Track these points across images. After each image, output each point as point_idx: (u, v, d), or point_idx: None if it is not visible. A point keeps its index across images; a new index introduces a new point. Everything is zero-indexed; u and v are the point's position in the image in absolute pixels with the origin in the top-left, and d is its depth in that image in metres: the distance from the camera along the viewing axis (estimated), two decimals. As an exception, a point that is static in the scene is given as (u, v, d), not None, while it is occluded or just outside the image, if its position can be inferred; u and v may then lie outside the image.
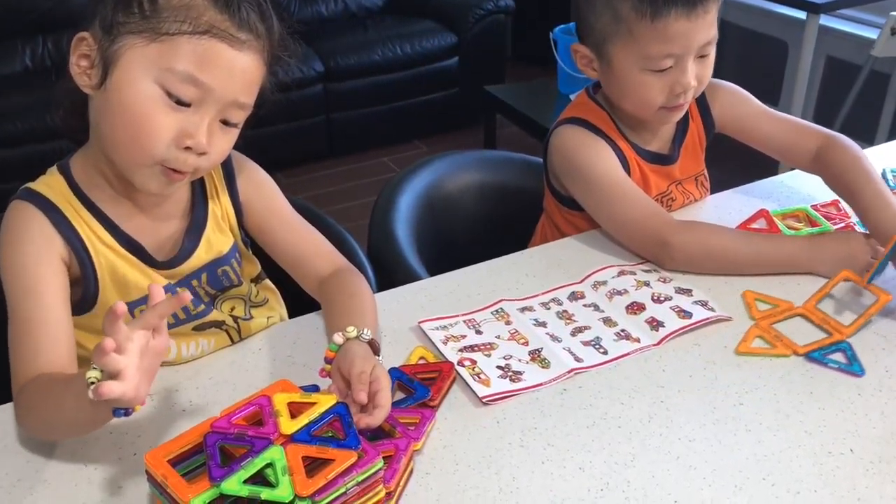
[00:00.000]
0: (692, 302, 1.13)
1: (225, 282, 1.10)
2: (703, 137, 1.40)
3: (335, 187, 3.47)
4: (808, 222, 1.34)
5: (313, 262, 1.12)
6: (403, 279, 1.28)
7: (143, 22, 0.89)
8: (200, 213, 1.07)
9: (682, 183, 1.40)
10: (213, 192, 1.08)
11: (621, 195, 1.24)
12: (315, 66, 3.53)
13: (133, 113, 0.90)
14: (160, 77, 0.89)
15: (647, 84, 1.21)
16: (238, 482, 0.77)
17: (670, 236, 1.19)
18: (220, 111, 0.93)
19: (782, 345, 1.05)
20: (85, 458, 0.90)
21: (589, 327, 1.10)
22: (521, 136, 3.24)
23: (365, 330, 0.96)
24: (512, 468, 0.88)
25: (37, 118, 3.09)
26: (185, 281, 1.06)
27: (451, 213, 1.60)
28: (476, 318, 1.12)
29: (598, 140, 1.28)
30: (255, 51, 0.93)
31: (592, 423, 0.94)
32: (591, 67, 1.28)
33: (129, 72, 0.90)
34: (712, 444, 0.91)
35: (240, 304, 1.14)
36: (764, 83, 3.50)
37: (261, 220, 1.12)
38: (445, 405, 0.97)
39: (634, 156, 1.32)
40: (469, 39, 3.79)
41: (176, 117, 0.91)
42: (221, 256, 1.09)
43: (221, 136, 0.95)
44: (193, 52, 0.89)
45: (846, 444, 0.91)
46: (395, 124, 3.79)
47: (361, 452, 0.80)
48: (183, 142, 0.91)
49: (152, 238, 1.04)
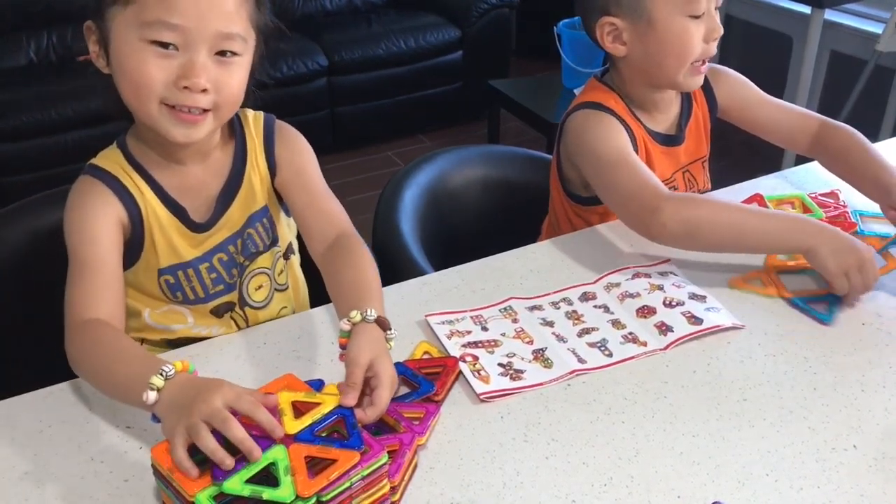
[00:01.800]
0: (705, 308, 1.11)
1: (251, 246, 1.14)
2: (707, 120, 1.42)
3: (339, 181, 3.47)
4: (801, 209, 1.35)
5: (319, 220, 1.13)
6: (408, 274, 1.28)
7: None
8: (237, 173, 1.12)
9: (689, 168, 1.41)
10: (253, 154, 1.13)
11: (622, 166, 1.23)
12: (319, 61, 3.54)
13: (130, 71, 0.96)
14: (140, 32, 0.94)
15: (688, 31, 1.24)
16: (240, 482, 0.77)
17: (662, 203, 1.15)
18: (210, 46, 0.96)
19: (773, 287, 1.06)
20: (92, 452, 0.91)
21: (596, 329, 1.09)
22: (524, 131, 3.24)
23: (369, 310, 0.94)
24: (516, 463, 0.89)
25: (42, 111, 3.10)
26: (222, 246, 1.12)
27: (455, 207, 1.61)
28: (483, 314, 1.12)
29: (609, 118, 1.30)
30: None
31: (596, 418, 0.95)
32: (619, 41, 1.29)
33: (119, 40, 0.96)
34: (715, 439, 0.91)
35: (266, 284, 1.18)
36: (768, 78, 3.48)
37: (287, 178, 1.15)
38: (450, 400, 0.98)
39: (644, 134, 1.34)
40: (473, 33, 3.79)
41: (168, 63, 0.95)
42: (251, 216, 1.13)
43: (223, 70, 0.98)
44: (158, 1, 0.93)
45: (849, 440, 0.91)
46: (398, 118, 3.79)
47: (366, 449, 0.81)
48: (180, 83, 0.96)
49: (196, 199, 1.10)
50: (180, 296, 1.12)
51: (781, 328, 1.09)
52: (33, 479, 0.87)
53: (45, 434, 0.93)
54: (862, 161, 1.30)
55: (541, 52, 4.15)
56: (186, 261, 1.11)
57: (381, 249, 1.40)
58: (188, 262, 1.11)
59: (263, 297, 1.18)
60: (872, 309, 1.13)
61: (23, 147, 3.08)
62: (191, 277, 1.11)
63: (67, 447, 0.91)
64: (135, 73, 0.96)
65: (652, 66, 1.29)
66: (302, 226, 1.15)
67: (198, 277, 1.12)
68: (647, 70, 1.30)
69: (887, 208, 1.25)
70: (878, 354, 1.04)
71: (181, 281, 1.11)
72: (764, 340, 1.07)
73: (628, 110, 1.33)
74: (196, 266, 1.11)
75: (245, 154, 1.12)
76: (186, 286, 1.12)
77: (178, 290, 1.12)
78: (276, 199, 1.17)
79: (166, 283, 1.11)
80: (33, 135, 3.09)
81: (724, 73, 1.43)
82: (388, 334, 0.95)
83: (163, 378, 0.83)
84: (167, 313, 1.14)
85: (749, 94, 1.42)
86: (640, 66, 1.30)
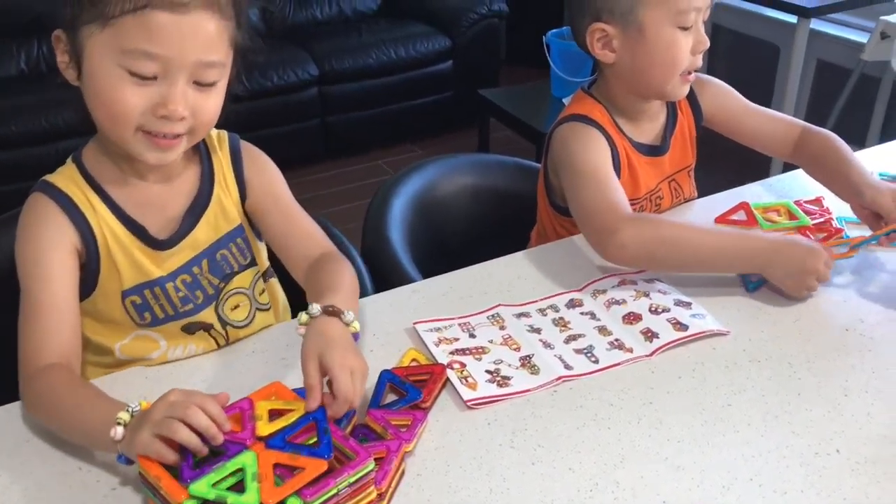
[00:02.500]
0: (690, 315, 1.12)
1: (225, 268, 1.12)
2: (693, 129, 1.43)
3: (330, 190, 3.48)
4: (787, 216, 1.36)
5: (300, 244, 1.12)
6: (397, 281, 1.29)
7: (92, 10, 0.92)
8: (205, 192, 1.10)
9: (675, 178, 1.42)
10: (221, 174, 1.11)
11: (592, 181, 1.24)
12: (310, 70, 3.54)
13: (105, 97, 0.94)
14: (119, 59, 0.92)
15: (677, 42, 1.25)
16: (207, 485, 0.78)
17: (621, 224, 1.16)
18: (189, 75, 0.95)
19: None
20: (79, 461, 0.91)
21: (583, 335, 1.10)
22: (514, 140, 3.25)
23: (313, 305, 0.95)
24: (503, 469, 0.89)
25: (32, 121, 3.10)
26: (185, 268, 1.08)
27: (444, 216, 1.61)
28: (471, 321, 1.13)
29: (593, 132, 1.30)
30: (202, 7, 0.93)
31: (582, 424, 0.95)
32: (609, 48, 1.29)
33: (93, 60, 0.94)
34: (701, 444, 0.92)
35: (245, 304, 1.15)
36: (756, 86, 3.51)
37: (258, 200, 1.13)
38: (437, 407, 0.98)
39: (628, 147, 1.34)
40: (463, 43, 3.80)
41: (145, 91, 0.94)
42: (221, 238, 1.11)
43: (201, 97, 0.97)
44: (139, 28, 0.91)
45: (833, 444, 0.92)
46: (389, 127, 3.80)
47: (353, 456, 0.81)
48: (158, 112, 0.94)
49: (156, 217, 1.07)
50: (148, 316, 1.08)
51: (766, 334, 1.10)
52: (20, 488, 0.87)
53: (32, 443, 0.93)
54: (835, 163, 1.32)
55: (531, 61, 4.17)
56: (153, 279, 1.07)
57: (370, 258, 1.41)
58: (155, 279, 1.07)
59: (243, 317, 1.15)
60: (855, 314, 1.14)
61: (14, 156, 3.08)
62: (158, 296, 1.07)
63: (54, 456, 0.91)
64: (111, 100, 0.94)
65: (639, 75, 1.30)
66: (280, 249, 1.14)
67: (165, 296, 1.08)
68: (634, 79, 1.31)
69: (858, 208, 1.27)
70: (861, 359, 1.05)
71: (149, 300, 1.07)
72: (748, 346, 1.08)
73: (613, 122, 1.34)
74: (163, 284, 1.07)
75: (212, 173, 1.10)
76: (154, 304, 1.08)
77: (145, 311, 1.08)
78: (248, 221, 1.14)
79: (133, 305, 1.07)
80: (24, 144, 3.09)
81: (709, 82, 1.44)
82: (344, 318, 0.94)
83: (129, 414, 0.84)
84: (137, 342, 1.09)
85: (733, 103, 1.44)
86: (628, 74, 1.31)
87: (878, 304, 1.16)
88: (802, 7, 2.90)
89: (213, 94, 0.98)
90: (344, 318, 0.95)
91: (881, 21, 2.75)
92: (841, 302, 1.17)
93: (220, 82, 0.99)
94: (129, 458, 0.83)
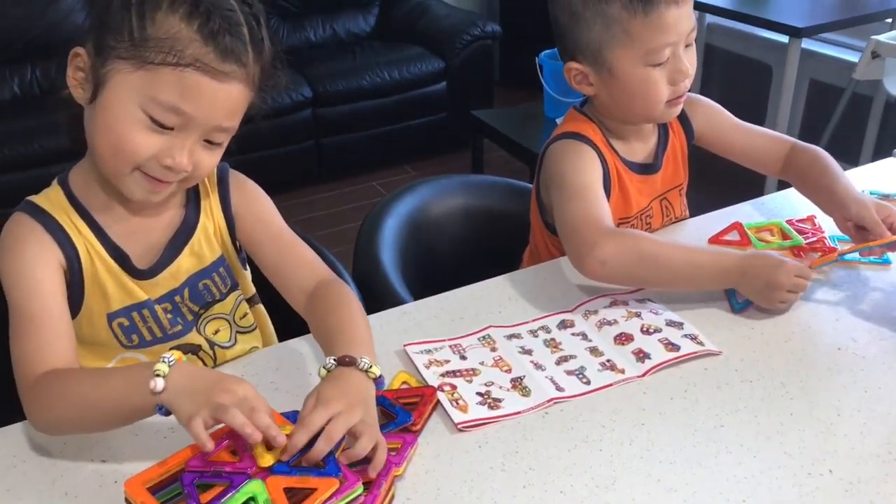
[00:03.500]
0: (682, 335, 1.12)
1: (207, 296, 1.11)
2: (685, 148, 1.43)
3: (324, 211, 3.48)
4: (780, 236, 1.36)
5: (297, 272, 1.11)
6: (388, 303, 1.28)
7: (132, 49, 0.91)
8: (190, 222, 1.09)
9: (666, 196, 1.42)
10: (207, 204, 1.11)
11: (578, 198, 1.23)
12: (304, 92, 3.55)
13: (117, 134, 0.94)
14: (144, 104, 0.92)
15: (651, 79, 1.23)
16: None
17: (601, 238, 1.15)
18: (202, 134, 0.96)
19: None
20: (65, 487, 0.90)
21: (574, 356, 1.09)
22: (508, 160, 3.26)
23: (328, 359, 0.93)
24: (493, 492, 0.88)
25: (24, 146, 3.10)
26: (168, 296, 1.08)
27: (436, 237, 1.61)
28: (462, 343, 1.13)
29: (586, 149, 1.30)
30: (239, 80, 0.95)
31: (574, 446, 0.95)
32: (586, 83, 1.29)
33: (115, 95, 0.93)
34: (693, 466, 0.91)
35: (225, 328, 1.14)
36: (749, 105, 3.54)
37: (250, 230, 1.13)
38: (427, 429, 0.97)
39: (620, 166, 1.34)
40: (456, 65, 3.82)
41: (158, 139, 0.94)
42: (204, 269, 1.10)
43: (205, 154, 0.98)
44: (177, 84, 0.90)
45: (826, 464, 0.91)
46: (383, 149, 3.81)
47: (343, 479, 0.80)
48: (163, 160, 0.95)
49: (140, 245, 1.06)
50: (136, 338, 1.08)
51: (758, 354, 1.10)
52: (6, 514, 0.87)
53: (19, 469, 0.92)
54: (821, 177, 1.33)
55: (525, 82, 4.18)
56: (142, 301, 1.06)
57: (361, 279, 1.41)
58: (143, 301, 1.06)
59: (226, 339, 1.15)
60: (847, 333, 1.14)
61: (6, 180, 3.07)
62: (147, 318, 1.07)
63: (42, 482, 0.90)
64: (122, 139, 0.93)
65: (621, 108, 1.30)
66: (277, 277, 1.12)
67: (154, 318, 1.08)
68: (617, 110, 1.31)
69: (842, 221, 1.27)
70: (853, 379, 1.05)
71: (136, 322, 1.07)
72: (741, 367, 1.07)
73: (605, 141, 1.34)
74: (151, 306, 1.07)
75: (199, 203, 1.10)
76: (142, 326, 1.07)
77: (133, 332, 1.07)
78: (234, 249, 1.14)
79: (120, 327, 1.06)
80: (17, 168, 3.09)
81: (700, 102, 1.44)
82: (360, 365, 0.92)
83: (167, 364, 0.83)
84: (122, 364, 1.08)
85: (724, 121, 1.44)
86: (611, 106, 1.31)
87: (869, 323, 1.16)
88: (794, 27, 2.92)
89: (216, 152, 1.00)
90: (360, 364, 0.92)
91: (872, 40, 2.77)
92: (833, 321, 1.17)
93: (225, 143, 1.00)
94: (168, 410, 0.83)
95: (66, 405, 0.90)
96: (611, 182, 1.31)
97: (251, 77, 0.97)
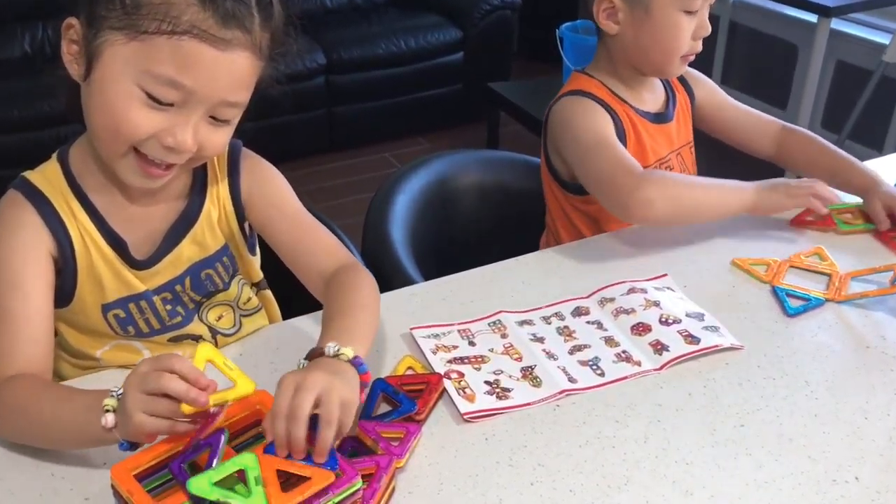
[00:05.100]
0: (702, 327, 1.06)
1: (209, 286, 1.06)
2: (689, 107, 1.45)
3: (335, 181, 3.43)
4: (863, 218, 1.33)
5: (315, 258, 1.04)
6: (398, 283, 1.24)
7: (125, 17, 0.83)
8: (194, 208, 1.02)
9: (681, 152, 1.43)
10: (215, 190, 1.03)
11: (601, 148, 1.25)
12: (317, 59, 3.49)
13: (112, 113, 0.86)
14: (139, 78, 0.84)
15: (680, 26, 1.26)
16: (208, 482, 0.73)
17: (641, 181, 1.18)
18: (207, 110, 0.88)
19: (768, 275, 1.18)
20: (53, 469, 0.86)
21: (589, 346, 1.04)
22: (524, 134, 3.19)
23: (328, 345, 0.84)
24: (499, 489, 0.84)
25: (35, 104, 3.06)
26: (167, 286, 1.03)
27: (449, 214, 1.56)
28: (471, 328, 1.08)
29: (590, 102, 1.32)
30: (244, 47, 0.87)
31: (585, 442, 0.90)
32: (613, 20, 1.30)
33: (109, 69, 0.85)
34: (710, 468, 0.87)
35: (228, 313, 1.09)
36: (772, 86, 3.45)
37: (263, 214, 1.05)
38: (432, 419, 0.93)
39: (633, 115, 1.35)
40: (474, 35, 3.74)
41: (158, 117, 0.86)
42: (207, 258, 1.04)
43: (213, 132, 0.90)
44: (173, 54, 0.83)
45: (851, 471, 0.86)
46: (397, 119, 3.75)
47: (339, 472, 0.76)
48: (164, 140, 0.87)
49: (139, 232, 1.00)
50: (132, 330, 1.02)
51: (782, 350, 1.05)
52: (-11, 496, 0.83)
53: (5, 448, 0.88)
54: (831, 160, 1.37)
55: (544, 55, 4.11)
56: (139, 292, 1.00)
57: (369, 256, 1.36)
58: (141, 293, 1.00)
59: (230, 325, 1.09)
60: (876, 331, 1.08)
61: (16, 139, 3.04)
62: (144, 309, 1.01)
63: (27, 463, 0.87)
64: (117, 117, 0.86)
65: (640, 51, 1.31)
66: (292, 263, 1.05)
67: (152, 309, 1.02)
68: (634, 54, 1.32)
69: (874, 199, 1.29)
70: (882, 379, 1.00)
71: (133, 314, 1.01)
72: (763, 362, 1.02)
73: (612, 93, 1.35)
74: (149, 298, 1.01)
75: (205, 186, 1.03)
76: (140, 318, 1.02)
77: (129, 325, 1.02)
78: (242, 236, 1.07)
79: (115, 319, 1.01)
80: (27, 127, 3.05)
81: (700, 77, 1.47)
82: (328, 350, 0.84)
83: (115, 398, 0.78)
84: (119, 351, 1.03)
85: (721, 98, 1.47)
86: (629, 48, 1.32)
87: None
88: (823, 6, 2.83)
89: (224, 130, 0.92)
90: (328, 351, 0.84)
91: (904, 22, 2.69)
92: (861, 317, 1.11)
93: (234, 119, 0.93)
94: (131, 443, 0.78)
95: (19, 424, 0.86)
96: (625, 132, 1.32)
97: (258, 45, 0.88)
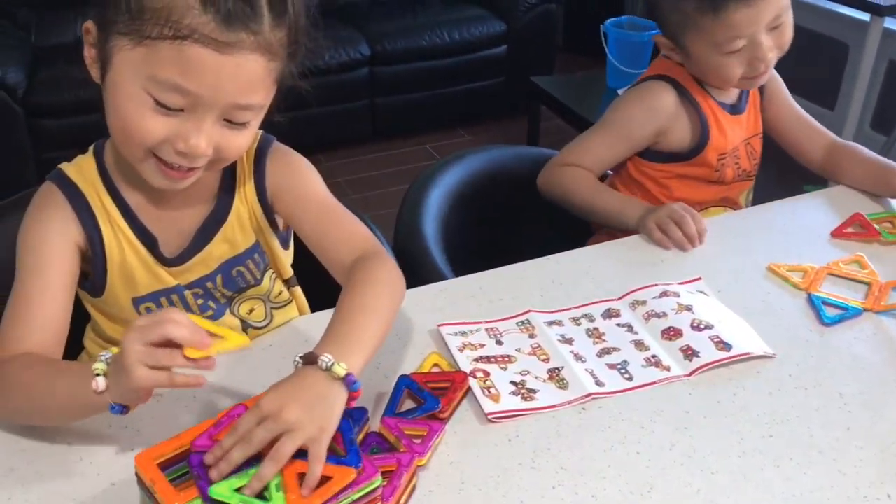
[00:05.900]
0: (734, 333, 1.05)
1: (241, 282, 1.07)
2: (759, 101, 1.47)
3: (375, 171, 3.44)
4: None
5: (340, 247, 1.02)
6: (427, 278, 1.23)
7: (130, 23, 0.82)
8: (223, 207, 1.02)
9: (750, 142, 1.46)
10: (243, 189, 1.03)
11: (598, 128, 1.42)
12: (361, 50, 3.50)
13: (124, 118, 0.86)
14: (146, 84, 0.83)
15: (725, 64, 1.31)
16: (229, 489, 0.73)
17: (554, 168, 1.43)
18: (219, 114, 0.86)
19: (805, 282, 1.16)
20: (80, 453, 0.87)
21: (618, 349, 1.03)
22: (565, 129, 3.16)
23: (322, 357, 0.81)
24: (520, 491, 0.83)
25: (84, 89, 3.07)
26: (199, 282, 1.04)
27: (483, 211, 1.55)
28: (499, 327, 1.07)
29: (654, 95, 1.38)
30: (251, 49, 0.83)
31: (610, 446, 0.89)
32: (674, 53, 1.39)
33: (120, 75, 0.85)
34: (737, 478, 0.85)
35: (259, 306, 1.10)
36: (821, 86, 3.37)
37: (290, 206, 1.04)
38: (456, 417, 0.93)
39: (715, 106, 1.40)
40: (519, 28, 3.72)
41: (168, 122, 0.85)
42: (238, 255, 1.05)
43: (230, 135, 0.89)
44: (174, 59, 0.81)
45: (884, 488, 0.84)
46: (439, 111, 3.74)
47: (361, 470, 0.76)
48: (177, 145, 0.86)
49: (170, 229, 1.01)
50: None
51: (815, 359, 1.02)
52: (17, 476, 0.85)
53: (36, 430, 0.90)
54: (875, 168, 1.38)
55: (588, 50, 4.06)
56: (171, 286, 1.02)
57: (401, 250, 1.36)
58: (172, 287, 1.02)
59: (261, 318, 1.10)
60: (917, 343, 1.06)
61: (65, 124, 3.10)
62: (176, 303, 1.03)
63: (56, 445, 0.88)
64: (129, 123, 0.86)
65: (704, 78, 1.39)
66: (322, 254, 1.03)
67: (183, 303, 1.03)
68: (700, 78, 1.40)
69: None
70: (920, 394, 0.97)
71: (165, 307, 1.02)
72: (796, 372, 1.00)
73: (699, 86, 1.39)
74: (181, 291, 1.02)
75: (234, 182, 1.02)
76: None
77: None
78: (272, 231, 1.07)
79: (147, 312, 1.01)
80: (75, 112, 3.09)
81: (773, 75, 1.47)
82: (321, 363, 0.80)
83: (104, 363, 0.77)
84: None
85: (783, 98, 1.48)
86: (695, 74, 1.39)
87: (942, 333, 1.07)
88: (877, 4, 2.76)
89: (243, 133, 0.90)
90: (321, 363, 0.80)
91: (961, 23, 2.61)
92: (901, 328, 1.09)
93: (254, 121, 0.91)
94: (123, 406, 0.78)
95: (24, 396, 0.87)
96: (708, 122, 1.38)
97: (270, 44, 0.85)
